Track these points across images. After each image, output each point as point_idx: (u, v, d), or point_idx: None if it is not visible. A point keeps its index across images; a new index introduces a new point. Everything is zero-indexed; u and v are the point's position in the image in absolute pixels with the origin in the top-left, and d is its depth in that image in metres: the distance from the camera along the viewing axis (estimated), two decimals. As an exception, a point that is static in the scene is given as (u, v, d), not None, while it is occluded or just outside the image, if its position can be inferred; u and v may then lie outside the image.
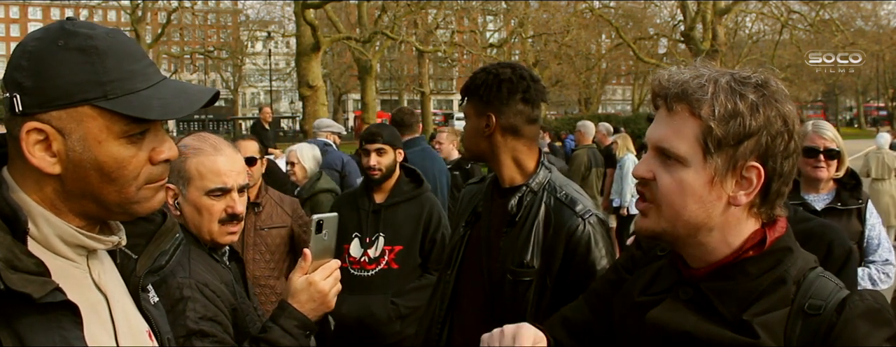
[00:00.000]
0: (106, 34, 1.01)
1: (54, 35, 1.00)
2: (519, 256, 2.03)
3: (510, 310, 2.01)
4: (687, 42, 24.27)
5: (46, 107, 0.97)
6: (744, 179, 1.13)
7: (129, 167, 1.02)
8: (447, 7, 28.33)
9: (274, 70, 44.64)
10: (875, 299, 1.07)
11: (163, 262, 1.20)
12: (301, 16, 18.08)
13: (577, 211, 2.02)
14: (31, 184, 1.01)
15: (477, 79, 2.12)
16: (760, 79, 1.13)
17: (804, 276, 1.13)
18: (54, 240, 1.02)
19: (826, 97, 55.65)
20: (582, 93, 41.44)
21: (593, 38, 37.16)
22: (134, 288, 1.16)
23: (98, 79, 0.98)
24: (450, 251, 2.28)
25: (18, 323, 0.93)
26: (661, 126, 1.16)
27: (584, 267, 1.97)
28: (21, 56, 0.99)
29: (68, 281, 0.99)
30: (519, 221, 2.06)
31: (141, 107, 1.00)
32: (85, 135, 0.99)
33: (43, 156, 0.99)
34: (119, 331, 1.08)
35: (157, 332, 1.19)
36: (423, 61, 35.41)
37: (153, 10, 31.65)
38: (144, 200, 1.06)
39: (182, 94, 1.05)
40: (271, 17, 40.79)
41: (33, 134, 0.98)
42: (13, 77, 0.99)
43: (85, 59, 0.98)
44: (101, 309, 1.07)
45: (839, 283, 1.13)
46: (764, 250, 1.14)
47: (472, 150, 2.19)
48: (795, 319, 1.09)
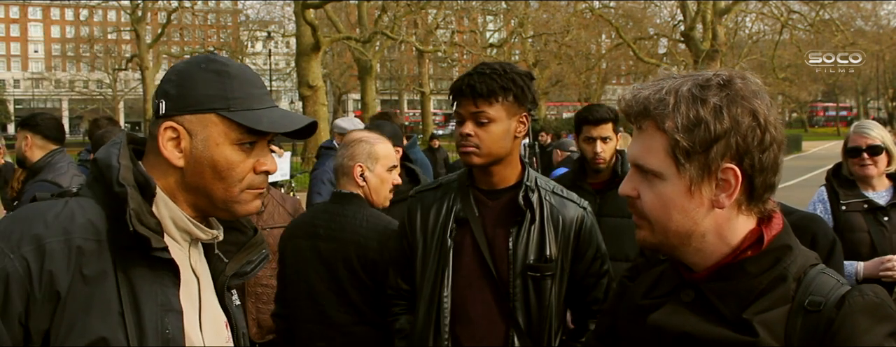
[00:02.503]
0: (238, 66, 1.28)
1: (199, 60, 1.27)
2: (538, 251, 2.05)
3: (533, 306, 2.04)
4: (687, 42, 24.28)
5: (182, 111, 1.23)
6: (722, 181, 1.13)
7: (237, 170, 1.25)
8: (447, 7, 28.35)
9: (274, 70, 44.64)
10: (876, 293, 1.07)
11: (248, 270, 1.39)
12: (301, 16, 18.09)
13: (576, 202, 2.14)
14: (158, 173, 1.25)
15: (509, 78, 2.01)
16: (723, 78, 1.13)
17: (804, 273, 1.13)
18: (168, 221, 1.24)
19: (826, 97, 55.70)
20: (582, 93, 41.44)
21: (593, 38, 37.16)
22: (220, 287, 1.36)
23: (225, 95, 1.23)
24: (435, 267, 2.12)
25: (132, 271, 1.16)
26: (636, 144, 1.19)
27: (595, 253, 2.13)
28: (172, 73, 1.27)
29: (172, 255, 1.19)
30: (528, 218, 2.06)
31: (254, 120, 1.23)
32: (207, 137, 1.23)
33: (173, 150, 1.23)
34: (203, 312, 1.28)
35: (234, 326, 1.37)
36: (423, 61, 35.44)
37: (153, 10, 31.67)
38: (244, 202, 1.27)
39: (287, 117, 1.29)
40: (271, 17, 40.92)
41: (169, 131, 1.23)
42: (163, 88, 1.25)
43: (217, 79, 1.24)
44: (192, 288, 1.27)
45: (841, 279, 1.13)
46: (762, 249, 1.15)
47: (499, 156, 2.06)
48: (796, 316, 1.09)
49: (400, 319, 2.26)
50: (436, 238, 2.13)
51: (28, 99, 63.54)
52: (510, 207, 2.09)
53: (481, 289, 2.08)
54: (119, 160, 1.20)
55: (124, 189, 1.16)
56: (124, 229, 1.12)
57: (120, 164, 1.19)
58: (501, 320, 2.06)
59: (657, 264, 1.32)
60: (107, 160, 1.21)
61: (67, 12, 62.96)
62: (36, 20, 69.28)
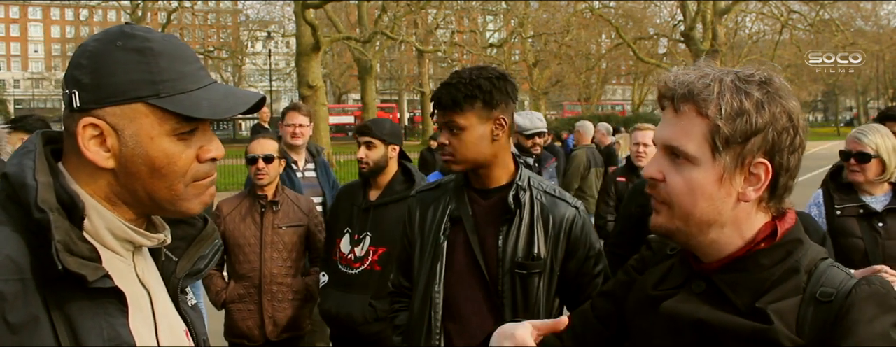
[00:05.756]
0: (162, 38, 1.07)
1: (113, 36, 1.05)
2: (526, 250, 2.09)
3: (520, 303, 2.08)
4: (687, 42, 24.28)
5: (102, 104, 1.02)
6: (752, 175, 1.15)
7: (179, 164, 1.07)
8: (447, 7, 28.36)
9: (274, 70, 44.67)
10: (881, 284, 1.09)
11: (202, 266, 1.23)
12: (301, 16, 18.08)
13: (569, 201, 2.18)
14: (84, 178, 1.06)
15: (475, 85, 2.04)
16: (764, 76, 1.15)
17: (815, 266, 1.15)
18: (104, 233, 1.06)
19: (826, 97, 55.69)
20: (582, 93, 41.44)
21: (593, 38, 37.19)
22: (173, 290, 1.20)
23: (152, 79, 1.03)
24: (429, 264, 2.17)
25: (69, 307, 0.97)
26: (669, 126, 1.18)
27: (587, 252, 2.15)
28: (81, 55, 1.05)
29: (115, 273, 1.02)
30: (517, 216, 2.10)
31: (191, 106, 1.05)
32: (137, 132, 1.04)
33: (98, 150, 1.04)
34: (159, 327, 1.12)
35: (194, 333, 1.22)
36: (423, 61, 35.45)
37: (153, 10, 31.65)
38: (193, 198, 1.10)
39: (230, 96, 1.10)
40: (271, 17, 40.86)
41: (89, 129, 1.03)
42: (73, 75, 1.04)
43: (140, 60, 1.03)
44: (144, 304, 1.11)
45: (849, 272, 1.15)
46: (775, 242, 1.17)
47: (477, 160, 2.10)
48: (807, 306, 1.11)
49: (400, 315, 2.34)
50: (431, 236, 2.19)
51: (28, 99, 63.57)
52: (500, 206, 2.13)
53: (472, 286, 2.13)
54: (36, 176, 0.99)
55: (46, 215, 0.95)
56: (52, 262, 0.94)
57: (37, 182, 0.98)
58: (490, 316, 2.10)
59: (665, 258, 1.33)
60: (20, 177, 0.99)
61: (67, 12, 62.98)
62: (36, 20, 69.30)
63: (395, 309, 2.38)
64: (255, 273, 3.46)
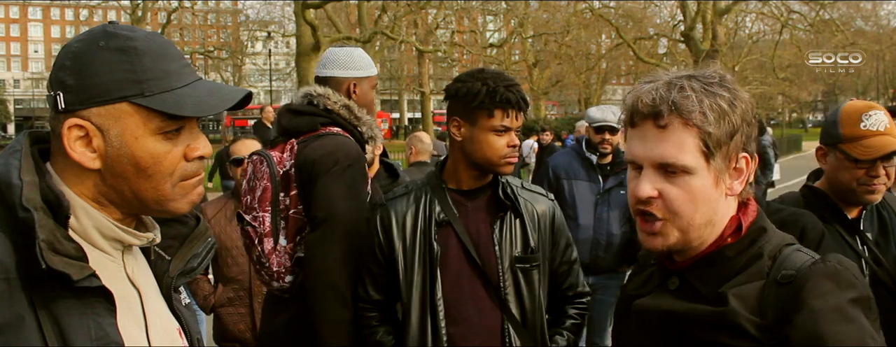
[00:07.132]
0: (145, 36, 1.07)
1: (96, 36, 1.05)
2: (523, 244, 2.14)
3: (525, 298, 2.12)
4: (687, 42, 24.27)
5: (87, 104, 1.02)
6: (736, 170, 1.20)
7: (165, 163, 1.06)
8: (447, 7, 28.35)
9: (274, 70, 44.65)
10: (840, 261, 1.12)
11: (195, 264, 1.22)
12: (301, 16, 18.09)
13: (545, 195, 2.29)
14: (71, 178, 1.06)
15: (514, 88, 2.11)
16: (717, 75, 1.20)
17: (779, 251, 1.18)
18: (92, 232, 1.06)
19: (826, 97, 55.67)
20: (582, 93, 41.43)
21: (593, 38, 37.17)
22: (166, 289, 1.20)
23: (136, 78, 1.03)
24: (423, 271, 2.12)
25: (55, 306, 0.97)
26: (656, 143, 1.17)
27: (566, 242, 2.28)
28: (65, 56, 1.05)
29: (103, 273, 1.02)
30: (509, 213, 2.15)
31: (176, 105, 1.04)
32: (122, 132, 1.04)
33: (83, 151, 1.04)
34: (150, 326, 1.11)
35: (188, 332, 1.22)
36: (423, 61, 35.42)
37: (153, 10, 31.66)
38: (181, 197, 1.10)
39: (216, 93, 1.09)
40: (271, 17, 40.81)
41: (74, 130, 1.03)
42: (57, 76, 1.04)
43: (124, 59, 1.03)
44: (134, 304, 1.10)
45: (815, 256, 1.16)
46: (741, 235, 1.20)
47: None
48: (769, 289, 1.13)
49: (378, 331, 2.21)
50: (418, 243, 2.13)
51: (28, 99, 63.53)
52: (490, 204, 2.16)
53: (471, 288, 2.12)
54: (21, 175, 0.99)
55: (30, 214, 0.95)
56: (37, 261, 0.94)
57: (22, 181, 0.99)
58: (494, 315, 2.11)
59: (649, 266, 1.36)
60: (5, 176, 0.99)
61: (67, 12, 62.96)
62: (36, 20, 69.28)
63: (371, 326, 2.21)
64: (244, 276, 3.34)
